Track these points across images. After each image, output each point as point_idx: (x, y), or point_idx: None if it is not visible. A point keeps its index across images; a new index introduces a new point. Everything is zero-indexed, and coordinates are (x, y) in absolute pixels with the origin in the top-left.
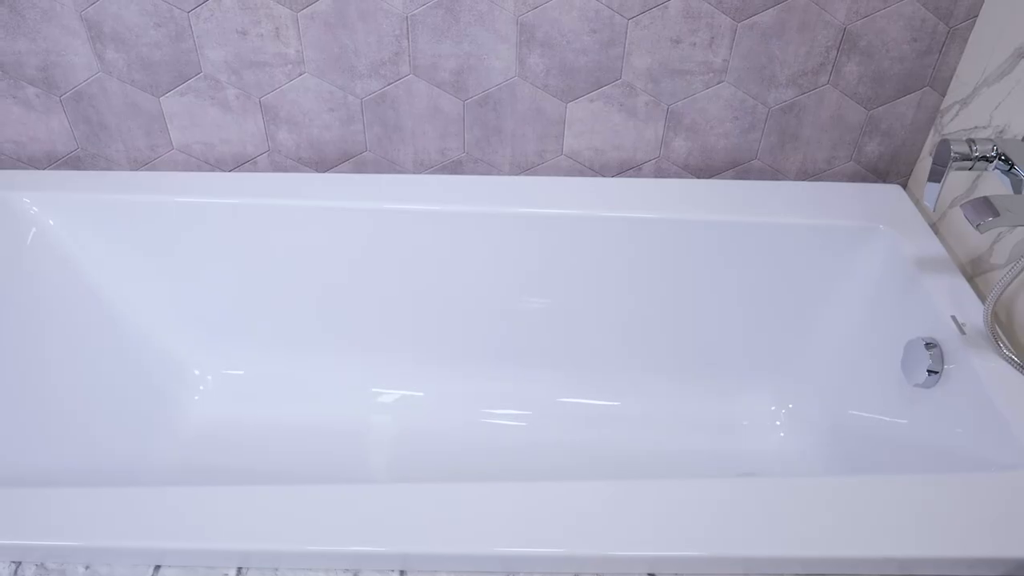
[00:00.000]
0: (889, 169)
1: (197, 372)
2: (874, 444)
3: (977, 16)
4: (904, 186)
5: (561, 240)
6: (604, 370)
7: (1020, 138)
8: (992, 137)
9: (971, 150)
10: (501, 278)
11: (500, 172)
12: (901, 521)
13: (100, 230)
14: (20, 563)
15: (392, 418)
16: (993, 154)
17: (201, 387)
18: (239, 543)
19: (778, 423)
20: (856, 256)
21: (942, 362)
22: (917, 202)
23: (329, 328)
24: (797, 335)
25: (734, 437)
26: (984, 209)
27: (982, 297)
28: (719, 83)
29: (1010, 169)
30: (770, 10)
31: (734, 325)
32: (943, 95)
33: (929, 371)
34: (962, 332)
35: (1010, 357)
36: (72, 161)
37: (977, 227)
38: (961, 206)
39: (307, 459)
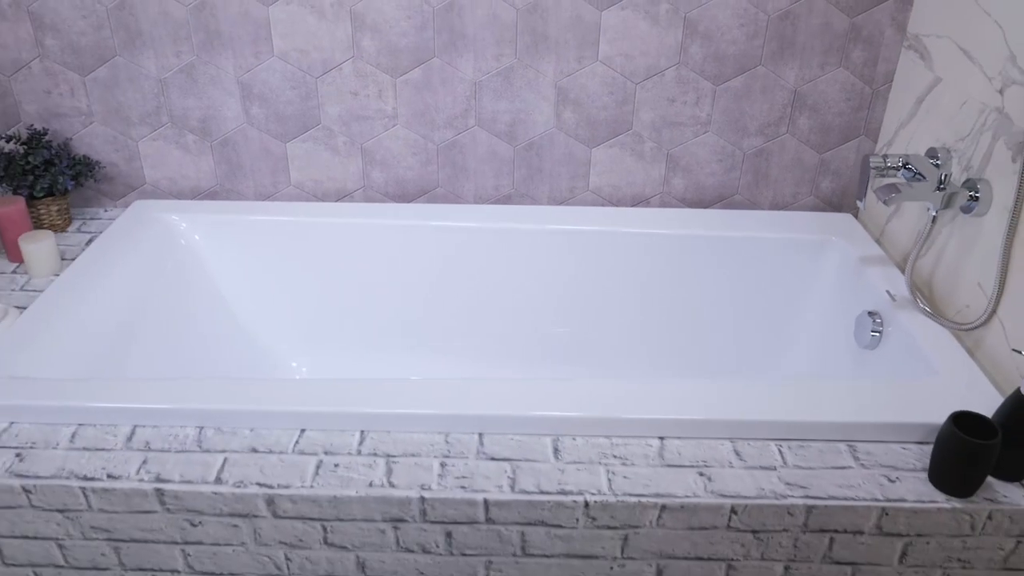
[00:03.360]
0: (841, 202)
1: (294, 364)
2: None
3: (892, 80)
4: (855, 215)
5: (586, 253)
6: (618, 359)
7: (922, 154)
8: (900, 153)
9: (884, 162)
10: (537, 284)
11: (540, 203)
12: (844, 403)
13: (230, 243)
14: (202, 427)
15: None
16: (900, 164)
17: (297, 377)
18: (362, 409)
19: None
20: (818, 260)
21: (882, 326)
22: (864, 224)
23: (394, 327)
24: (777, 326)
25: None
26: (889, 189)
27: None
28: (705, 133)
29: (914, 176)
30: (739, 77)
31: (727, 319)
32: (875, 141)
33: (872, 332)
34: (893, 300)
35: (925, 310)
36: (210, 195)
37: (884, 202)
38: (873, 190)
39: None
